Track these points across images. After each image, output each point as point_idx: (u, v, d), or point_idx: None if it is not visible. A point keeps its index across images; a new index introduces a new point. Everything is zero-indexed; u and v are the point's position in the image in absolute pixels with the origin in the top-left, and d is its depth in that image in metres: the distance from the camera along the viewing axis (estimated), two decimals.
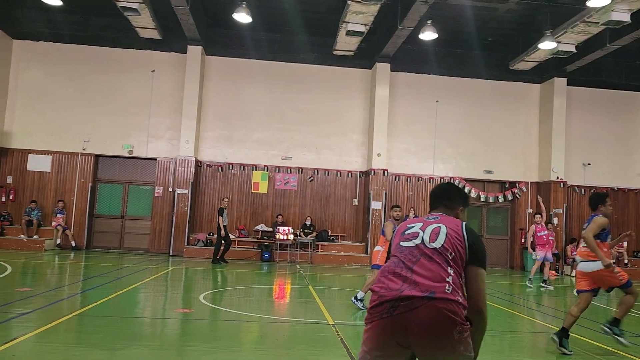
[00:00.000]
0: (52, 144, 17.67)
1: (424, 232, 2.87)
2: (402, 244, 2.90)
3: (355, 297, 8.63)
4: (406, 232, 2.95)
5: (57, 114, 17.77)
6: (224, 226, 15.44)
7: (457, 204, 3.17)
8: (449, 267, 2.73)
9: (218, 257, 15.38)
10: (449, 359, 2.64)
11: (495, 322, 8.31)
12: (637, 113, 19.96)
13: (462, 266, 2.79)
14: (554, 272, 17.56)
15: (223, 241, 15.52)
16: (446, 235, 2.81)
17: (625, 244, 18.50)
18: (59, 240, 16.88)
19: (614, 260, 16.98)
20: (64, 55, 18.00)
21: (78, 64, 17.99)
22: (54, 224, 16.93)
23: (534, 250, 13.87)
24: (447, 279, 2.69)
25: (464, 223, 2.95)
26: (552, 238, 14.26)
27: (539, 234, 13.68)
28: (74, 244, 17.08)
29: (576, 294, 6.53)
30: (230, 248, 17.31)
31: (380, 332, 2.68)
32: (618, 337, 6.17)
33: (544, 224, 13.86)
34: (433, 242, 2.80)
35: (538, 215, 13.85)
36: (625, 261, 18.36)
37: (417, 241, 2.85)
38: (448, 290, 2.66)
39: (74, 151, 17.75)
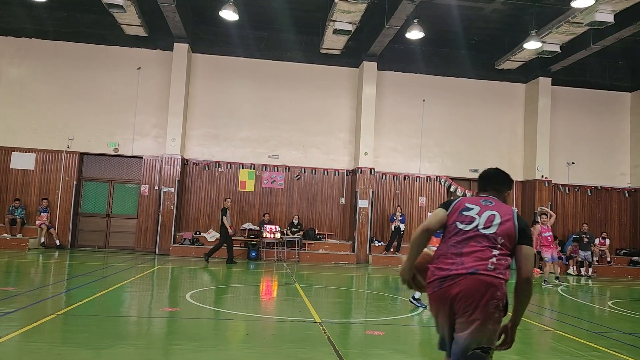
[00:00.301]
0: (36, 142, 17.47)
1: (480, 217, 3.21)
2: (458, 225, 3.21)
3: (413, 297, 8.71)
4: (463, 213, 3.25)
5: (41, 111, 17.58)
6: (225, 226, 15.47)
7: (505, 187, 3.59)
8: (495, 250, 3.08)
9: (232, 257, 15.58)
10: (478, 326, 2.95)
11: None
12: (620, 113, 20.23)
13: (511, 248, 3.15)
14: (538, 269, 17.72)
15: (225, 241, 15.62)
16: (499, 224, 3.17)
17: (607, 241, 18.76)
18: (43, 239, 16.71)
19: (597, 258, 17.05)
20: (48, 51, 17.80)
21: (62, 60, 17.81)
22: (37, 222, 16.76)
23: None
24: (490, 260, 3.04)
25: (515, 210, 3.31)
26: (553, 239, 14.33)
27: (543, 234, 13.74)
28: (58, 243, 16.91)
29: None
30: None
31: (435, 303, 3.14)
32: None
33: (549, 225, 13.85)
34: (486, 229, 3.15)
35: (544, 216, 13.85)
36: (608, 259, 18.62)
37: (471, 226, 3.18)
38: (490, 267, 3.02)
39: (58, 149, 17.57)
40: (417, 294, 8.69)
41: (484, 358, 3.02)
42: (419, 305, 8.62)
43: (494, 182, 3.58)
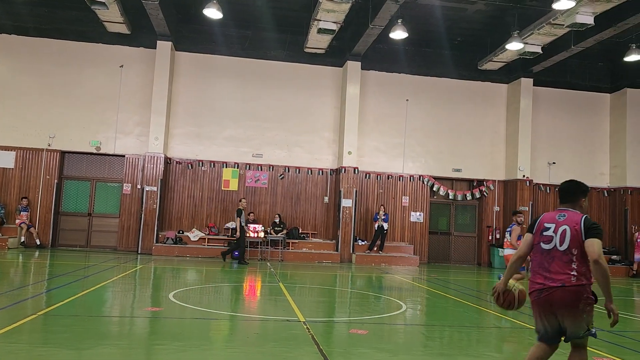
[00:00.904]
0: (16, 140, 17.21)
1: (556, 235, 4.06)
2: (542, 246, 4.12)
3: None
4: (544, 233, 4.13)
5: (21, 108, 17.32)
6: (241, 227, 15.56)
7: (578, 197, 4.26)
8: (573, 263, 3.98)
9: (243, 258, 15.66)
10: (577, 321, 3.96)
11: (463, 318, 8.47)
12: (600, 114, 20.53)
13: (582, 245, 3.97)
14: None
15: (237, 241, 15.76)
16: (569, 237, 4.00)
17: None
18: (23, 239, 16.48)
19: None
20: (29, 48, 17.54)
21: (43, 57, 17.57)
22: (17, 221, 16.52)
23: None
24: (572, 273, 3.96)
25: (584, 217, 4.07)
26: None
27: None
28: (38, 242, 16.69)
29: None
30: (200, 246, 17.27)
31: (537, 308, 4.11)
32: None
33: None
34: (561, 246, 4.02)
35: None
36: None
37: (551, 245, 4.06)
38: (573, 280, 3.96)
39: (38, 147, 17.33)
40: None
41: (590, 335, 4.05)
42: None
43: (568, 194, 4.29)
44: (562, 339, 4.11)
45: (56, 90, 17.51)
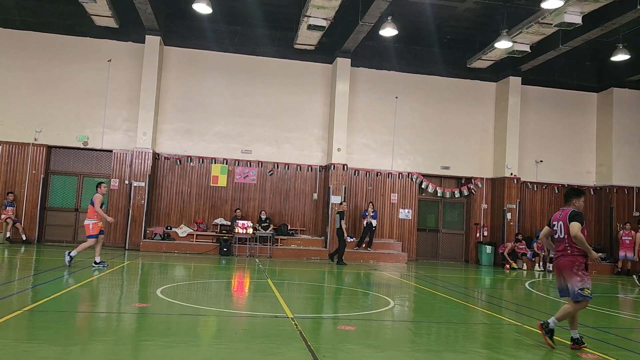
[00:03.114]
0: (1, 134, 17.03)
1: (558, 228, 6.26)
2: (555, 235, 6.36)
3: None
4: (554, 228, 6.35)
5: (7, 102, 17.13)
6: (341, 229, 15.92)
7: (570, 199, 6.35)
8: (566, 243, 6.16)
9: (342, 258, 16.01)
10: (572, 279, 6.08)
11: (450, 315, 8.52)
12: (587, 112, 20.72)
13: (569, 230, 6.09)
14: (508, 265, 18.09)
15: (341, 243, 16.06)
16: (562, 228, 6.21)
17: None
18: (8, 234, 16.33)
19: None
20: (15, 41, 17.34)
21: (30, 51, 17.38)
22: (3, 216, 16.35)
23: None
24: (569, 248, 6.15)
25: (571, 211, 6.17)
26: None
27: None
28: (24, 238, 16.54)
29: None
30: (188, 242, 17.23)
31: (556, 270, 6.41)
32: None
33: None
34: (561, 234, 6.23)
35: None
36: None
37: (557, 235, 6.30)
38: (568, 251, 6.16)
39: (25, 141, 17.16)
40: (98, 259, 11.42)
41: (584, 290, 6.04)
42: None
43: (566, 197, 6.44)
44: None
45: (43, 84, 17.33)
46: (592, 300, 6.56)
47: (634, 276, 15.93)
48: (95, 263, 11.56)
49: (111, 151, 17.64)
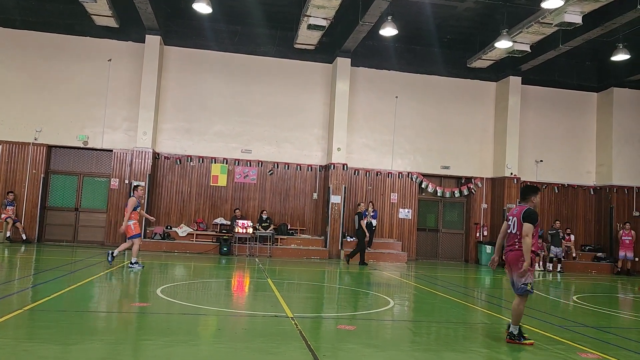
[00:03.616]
0: (2, 133, 17.04)
1: (511, 223, 6.35)
2: (508, 231, 6.44)
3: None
4: (508, 223, 6.42)
5: (8, 102, 17.14)
6: (362, 228, 16.25)
7: (528, 196, 6.40)
8: (517, 239, 6.24)
9: (364, 259, 16.23)
10: (518, 278, 6.23)
11: (450, 314, 8.52)
12: (587, 112, 20.72)
13: (521, 227, 6.19)
14: None
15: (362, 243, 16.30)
16: (516, 224, 6.29)
17: (572, 237, 19.23)
18: (8, 234, 16.33)
19: (563, 254, 17.43)
20: (15, 41, 17.34)
21: (30, 50, 17.38)
22: (3, 216, 16.36)
23: None
24: (517, 243, 6.24)
25: (525, 209, 6.23)
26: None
27: None
28: (24, 237, 16.55)
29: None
30: (188, 241, 17.23)
31: (507, 264, 6.49)
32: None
33: None
34: (513, 230, 6.32)
35: None
36: (574, 255, 19.07)
37: (510, 229, 6.39)
38: (516, 246, 6.26)
39: (25, 141, 17.16)
40: (134, 259, 11.64)
41: (527, 285, 6.23)
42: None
43: (522, 194, 6.53)
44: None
45: (43, 84, 17.34)
46: (592, 300, 6.59)
47: None
48: (131, 263, 11.75)
49: (111, 151, 17.64)
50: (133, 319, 6.95)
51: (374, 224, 17.97)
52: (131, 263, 11.80)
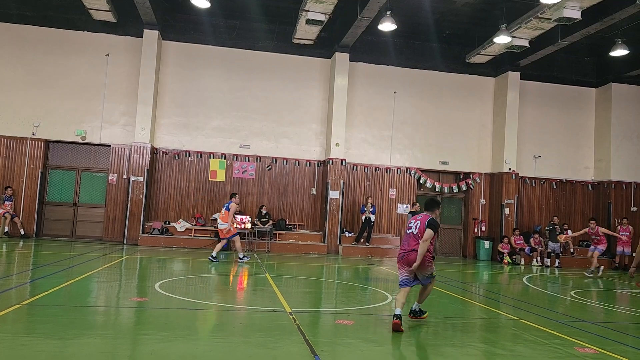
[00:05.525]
0: None
1: (414, 226, 6.79)
2: (407, 231, 6.91)
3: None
4: (409, 225, 6.89)
5: (5, 96, 17.08)
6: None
7: (433, 208, 6.95)
8: (419, 240, 6.64)
9: None
10: (424, 271, 6.77)
11: (448, 309, 8.54)
12: (585, 108, 20.72)
13: (424, 231, 6.64)
14: (506, 260, 18.14)
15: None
16: (418, 227, 6.72)
17: (569, 232, 19.24)
18: (6, 229, 16.31)
19: (560, 249, 17.45)
20: (12, 35, 17.27)
21: (27, 45, 17.31)
22: (1, 211, 16.31)
23: None
24: (419, 243, 6.63)
25: (430, 218, 6.74)
26: None
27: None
28: (22, 232, 16.53)
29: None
30: (187, 237, 17.23)
31: (401, 264, 6.86)
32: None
33: None
34: (415, 231, 6.75)
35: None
36: (572, 250, 19.11)
37: (412, 231, 6.79)
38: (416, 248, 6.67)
39: (23, 136, 17.12)
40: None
41: (433, 277, 6.97)
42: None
43: (427, 207, 7.03)
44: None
45: (41, 79, 17.29)
46: (590, 295, 6.61)
47: None
48: (240, 258, 13.49)
49: (109, 146, 17.61)
50: (131, 313, 6.96)
51: (373, 220, 17.98)
52: (240, 258, 13.48)
